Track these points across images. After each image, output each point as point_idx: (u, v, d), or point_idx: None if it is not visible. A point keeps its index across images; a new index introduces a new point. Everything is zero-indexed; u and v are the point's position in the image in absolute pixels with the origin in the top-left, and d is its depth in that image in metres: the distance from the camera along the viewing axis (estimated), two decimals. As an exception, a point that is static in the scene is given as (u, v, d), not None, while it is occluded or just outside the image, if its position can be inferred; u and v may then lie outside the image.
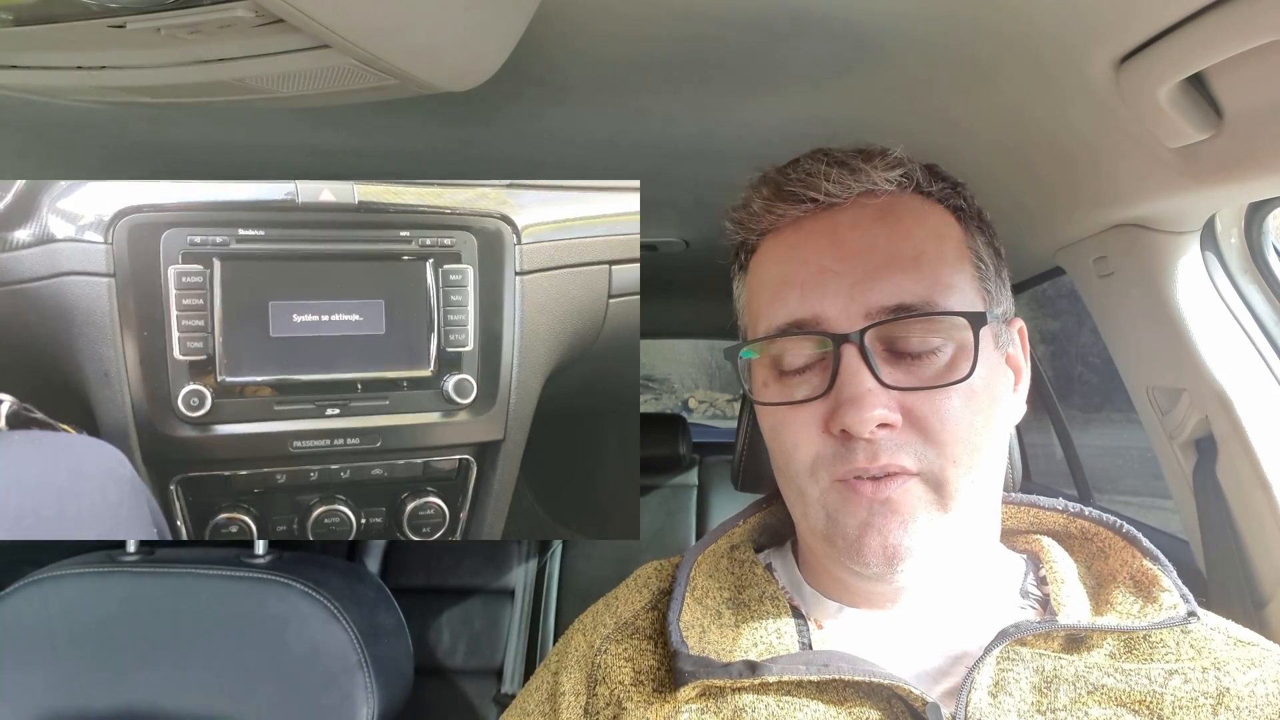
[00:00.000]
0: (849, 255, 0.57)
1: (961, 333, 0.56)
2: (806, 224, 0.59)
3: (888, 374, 0.54)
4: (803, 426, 0.57)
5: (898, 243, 0.57)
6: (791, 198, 0.59)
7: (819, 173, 0.58)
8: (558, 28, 0.74)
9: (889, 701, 0.55)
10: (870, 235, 0.57)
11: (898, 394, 0.54)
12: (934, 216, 0.60)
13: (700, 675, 0.56)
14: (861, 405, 0.53)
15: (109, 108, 0.82)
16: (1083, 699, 0.53)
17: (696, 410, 9.13)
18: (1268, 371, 0.90)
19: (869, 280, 0.56)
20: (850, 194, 0.58)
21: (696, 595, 0.63)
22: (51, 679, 0.99)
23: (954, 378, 0.55)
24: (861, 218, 0.58)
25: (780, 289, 0.59)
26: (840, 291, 0.56)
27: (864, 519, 0.55)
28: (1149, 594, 0.58)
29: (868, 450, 0.54)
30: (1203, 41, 0.61)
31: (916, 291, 0.55)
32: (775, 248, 0.61)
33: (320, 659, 0.97)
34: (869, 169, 0.58)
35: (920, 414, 0.54)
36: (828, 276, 0.56)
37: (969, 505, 0.57)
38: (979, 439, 0.56)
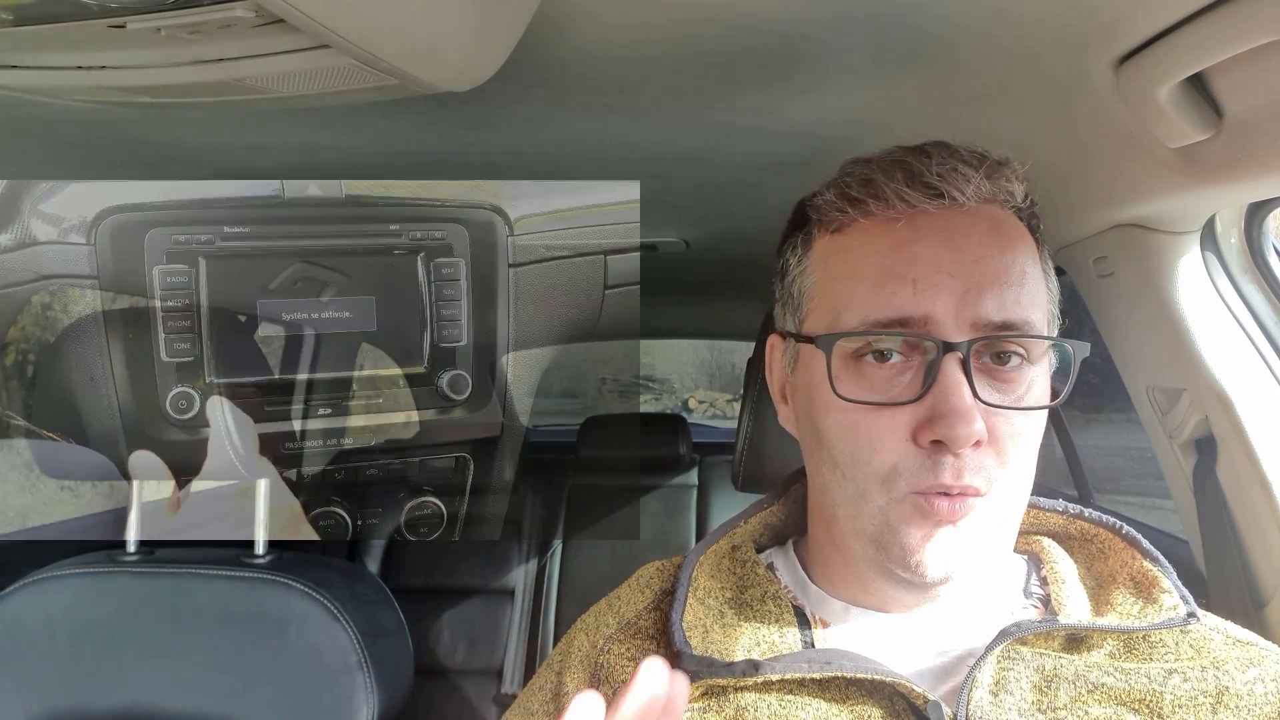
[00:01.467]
0: (965, 262, 0.55)
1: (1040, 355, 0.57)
2: (920, 220, 0.56)
3: (981, 389, 0.54)
4: (886, 431, 0.54)
5: (1008, 258, 0.56)
6: (927, 190, 0.55)
7: (959, 171, 0.56)
8: (558, 28, 0.74)
9: (891, 700, 0.55)
10: (986, 245, 0.56)
11: (985, 411, 0.54)
12: (1027, 238, 0.59)
13: (704, 675, 0.56)
14: (967, 419, 0.52)
15: (109, 108, 0.81)
16: (1083, 698, 0.53)
17: (696, 410, 9.12)
18: (1268, 371, 0.90)
19: (982, 290, 0.54)
20: (981, 198, 0.56)
21: (699, 596, 0.64)
22: (51, 679, 0.99)
23: (1038, 401, 0.56)
24: (976, 224, 0.56)
25: (886, 281, 0.55)
26: (953, 296, 0.54)
27: (928, 533, 0.54)
28: (1149, 595, 0.59)
29: (955, 467, 0.53)
30: (1203, 41, 0.61)
31: (1020, 311, 0.55)
32: (878, 237, 0.57)
33: (320, 659, 0.97)
34: (1004, 181, 0.57)
35: (1000, 434, 0.54)
36: (942, 278, 0.54)
37: (1011, 522, 0.58)
38: (1034, 460, 0.57)
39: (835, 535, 0.62)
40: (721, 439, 2.60)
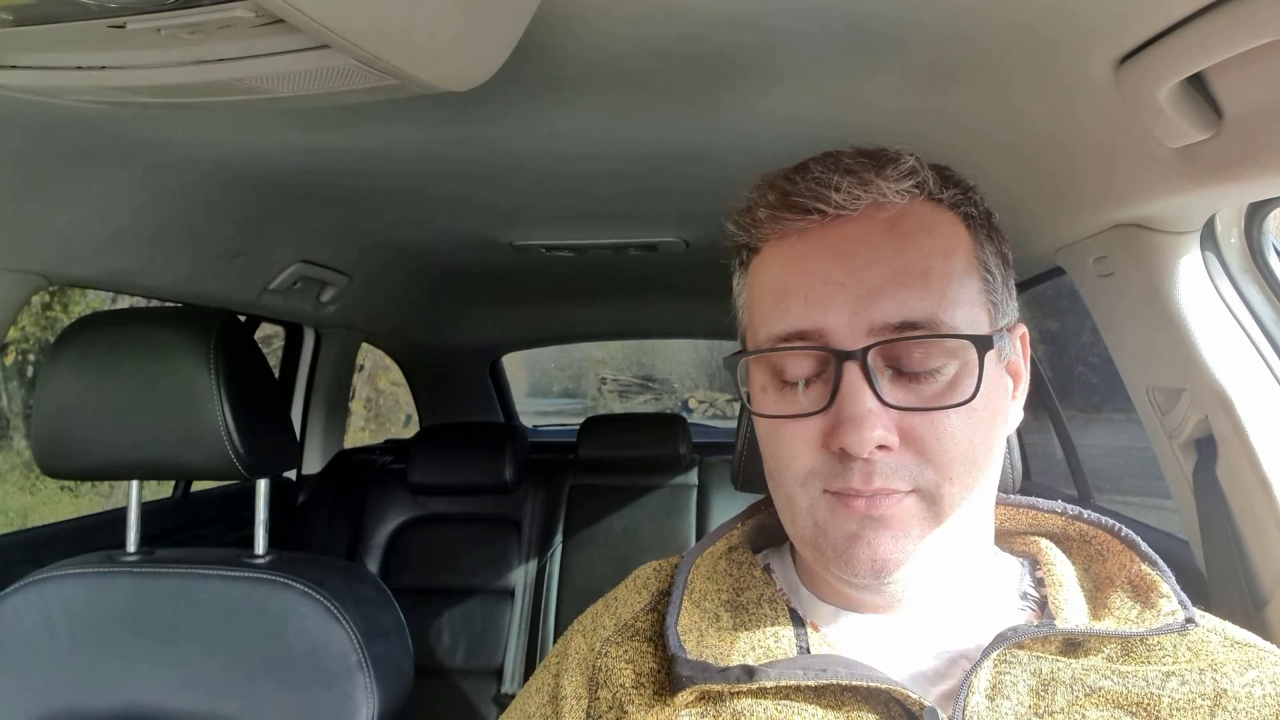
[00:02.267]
0: (855, 269, 0.55)
1: (966, 353, 0.55)
2: (813, 233, 0.57)
3: (889, 392, 0.53)
4: (800, 440, 0.56)
5: (906, 257, 0.55)
6: (798, 208, 0.56)
7: (828, 182, 0.55)
8: (558, 28, 0.74)
9: (886, 705, 0.55)
10: (878, 248, 0.55)
11: (897, 414, 0.53)
12: (944, 227, 0.58)
13: (698, 680, 0.56)
14: (861, 426, 0.52)
15: (109, 108, 0.81)
16: (1080, 701, 0.53)
17: (696, 410, 9.12)
18: (1268, 371, 0.90)
19: (874, 295, 0.54)
20: (859, 205, 0.56)
21: (694, 598, 0.63)
22: (51, 679, 0.99)
23: (956, 399, 0.54)
24: (870, 230, 0.56)
25: (782, 298, 0.57)
26: (845, 305, 0.54)
27: (853, 531, 0.54)
28: (1147, 599, 0.58)
29: (864, 470, 0.53)
30: (1203, 41, 0.61)
31: (923, 309, 0.54)
32: (778, 254, 0.59)
33: (320, 659, 0.97)
34: (880, 180, 0.56)
35: (918, 434, 0.54)
36: (833, 289, 0.55)
37: (963, 517, 0.56)
38: (977, 454, 0.55)
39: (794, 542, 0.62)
40: (721, 439, 2.60)
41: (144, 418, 0.99)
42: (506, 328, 2.81)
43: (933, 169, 0.59)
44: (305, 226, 1.50)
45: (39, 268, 1.15)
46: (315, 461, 2.26)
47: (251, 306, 1.64)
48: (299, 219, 1.46)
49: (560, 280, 2.18)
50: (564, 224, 1.58)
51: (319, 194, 1.34)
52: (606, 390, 10.23)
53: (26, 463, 5.34)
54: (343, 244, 1.65)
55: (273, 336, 2.40)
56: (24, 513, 5.11)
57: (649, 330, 3.31)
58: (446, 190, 1.34)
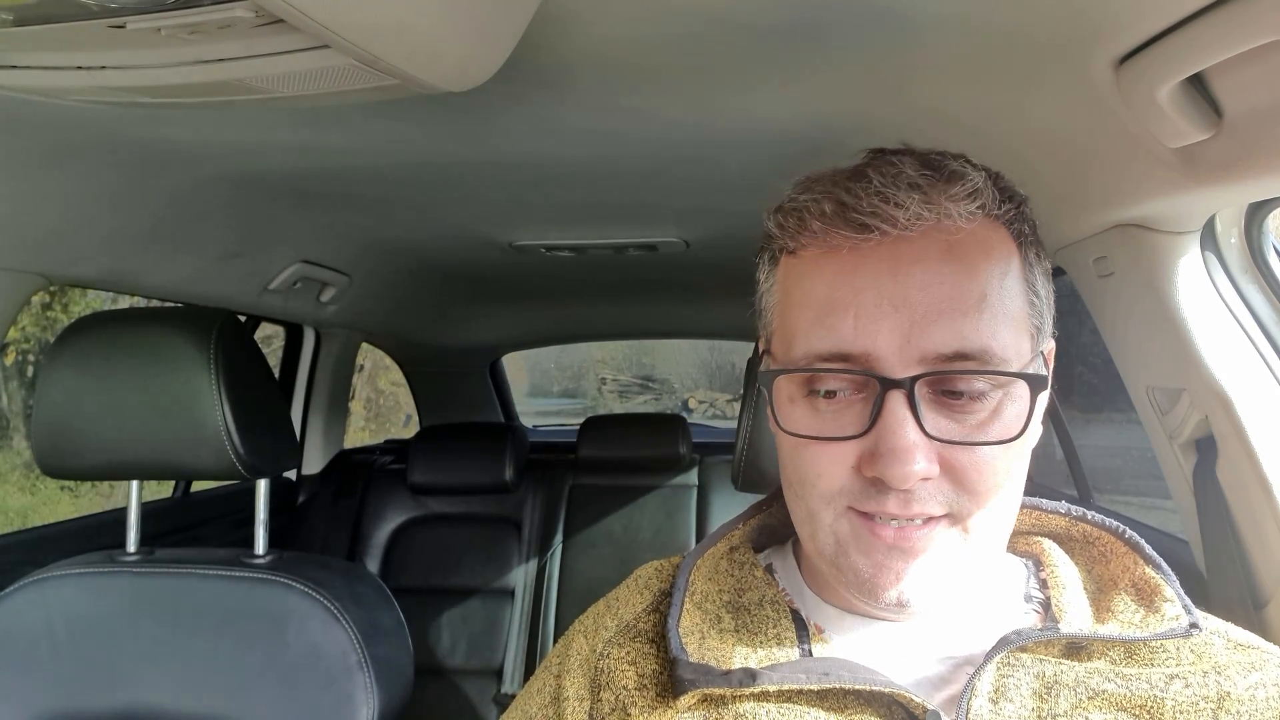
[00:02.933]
0: (909, 292, 0.51)
1: (1014, 385, 0.53)
2: (865, 245, 0.53)
3: (931, 422, 0.51)
4: (830, 460, 0.53)
5: (963, 282, 0.52)
6: (856, 224, 0.52)
7: (891, 199, 0.51)
8: (557, 28, 0.74)
9: (889, 709, 0.54)
10: (935, 271, 0.52)
11: (939, 445, 0.51)
12: (1000, 248, 0.54)
13: (700, 684, 0.56)
14: (906, 460, 0.50)
15: (109, 108, 0.81)
16: (1083, 704, 0.53)
17: (696, 410, 9.12)
18: (1268, 371, 0.90)
19: (929, 323, 0.51)
20: (922, 226, 0.52)
21: (696, 600, 0.63)
22: (51, 679, 0.99)
23: (1002, 434, 0.52)
24: (928, 250, 0.52)
25: (828, 313, 0.53)
26: (897, 331, 0.51)
27: (880, 561, 0.53)
28: (1151, 603, 0.58)
29: (900, 499, 0.52)
30: (1203, 41, 0.61)
31: (976, 340, 0.51)
32: (826, 264, 0.54)
33: (320, 659, 0.97)
34: (947, 202, 0.52)
35: (959, 465, 0.52)
36: (885, 311, 0.51)
37: (990, 538, 0.56)
38: (1009, 482, 0.54)
39: (810, 554, 0.61)
40: (721, 439, 2.59)
41: (144, 418, 0.99)
42: (506, 328, 2.81)
43: (991, 180, 0.55)
44: (305, 226, 1.50)
45: (39, 268, 1.15)
46: (315, 461, 2.26)
47: (251, 306, 1.64)
48: (299, 219, 1.46)
49: (560, 280, 2.18)
50: (564, 224, 1.58)
51: (319, 194, 1.34)
52: (606, 390, 10.23)
53: (26, 463, 5.33)
54: (343, 244, 1.65)
55: (273, 336, 2.40)
56: (24, 513, 5.11)
57: (649, 330, 3.31)
58: (446, 190, 1.34)
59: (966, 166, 0.54)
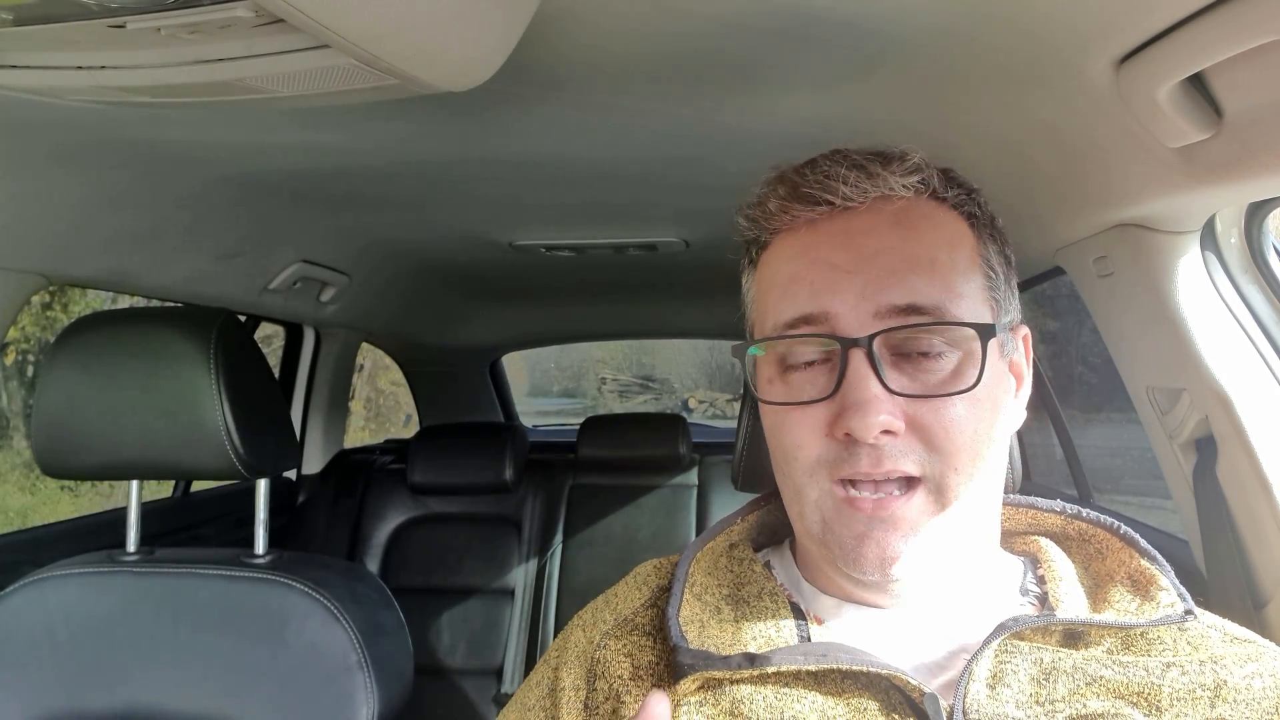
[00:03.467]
0: (863, 257, 0.56)
1: (969, 342, 0.56)
2: (821, 225, 0.59)
3: (894, 379, 0.54)
4: (806, 428, 0.57)
5: (912, 247, 0.57)
6: (808, 199, 0.58)
7: (836, 175, 0.57)
8: (557, 28, 0.74)
9: (887, 693, 0.55)
10: (885, 239, 0.57)
11: (902, 401, 0.54)
12: (948, 224, 0.60)
13: (700, 668, 0.56)
14: (867, 410, 0.53)
15: (109, 108, 0.81)
16: (1081, 690, 0.53)
17: (696, 410, 9.13)
18: (1268, 371, 0.90)
19: (881, 281, 0.55)
20: (866, 198, 0.57)
21: (695, 591, 0.64)
22: (51, 679, 0.99)
23: (959, 386, 0.55)
24: (877, 222, 0.58)
25: (790, 285, 0.58)
26: (851, 291, 0.56)
27: (862, 531, 0.55)
28: (1146, 593, 0.59)
29: (871, 455, 0.54)
30: (1203, 41, 0.61)
31: (929, 295, 0.55)
32: (787, 246, 0.61)
33: (320, 659, 0.97)
34: (886, 174, 0.57)
35: (924, 421, 0.55)
36: (839, 275, 0.56)
37: (969, 509, 0.57)
38: (981, 446, 0.56)
39: (800, 536, 0.63)
40: (721, 439, 2.60)
41: (144, 418, 0.99)
42: (506, 328, 2.81)
43: (938, 170, 0.60)
44: (305, 226, 1.50)
45: (39, 268, 1.15)
46: (315, 461, 2.26)
47: (251, 306, 1.64)
48: (299, 219, 1.46)
49: (560, 280, 2.18)
50: (564, 224, 1.58)
51: (319, 194, 1.34)
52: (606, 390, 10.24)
53: (26, 463, 5.34)
54: (343, 244, 1.65)
55: (273, 336, 2.40)
56: (24, 513, 5.11)
57: (649, 330, 3.31)
58: (446, 190, 1.34)
59: (910, 152, 0.60)
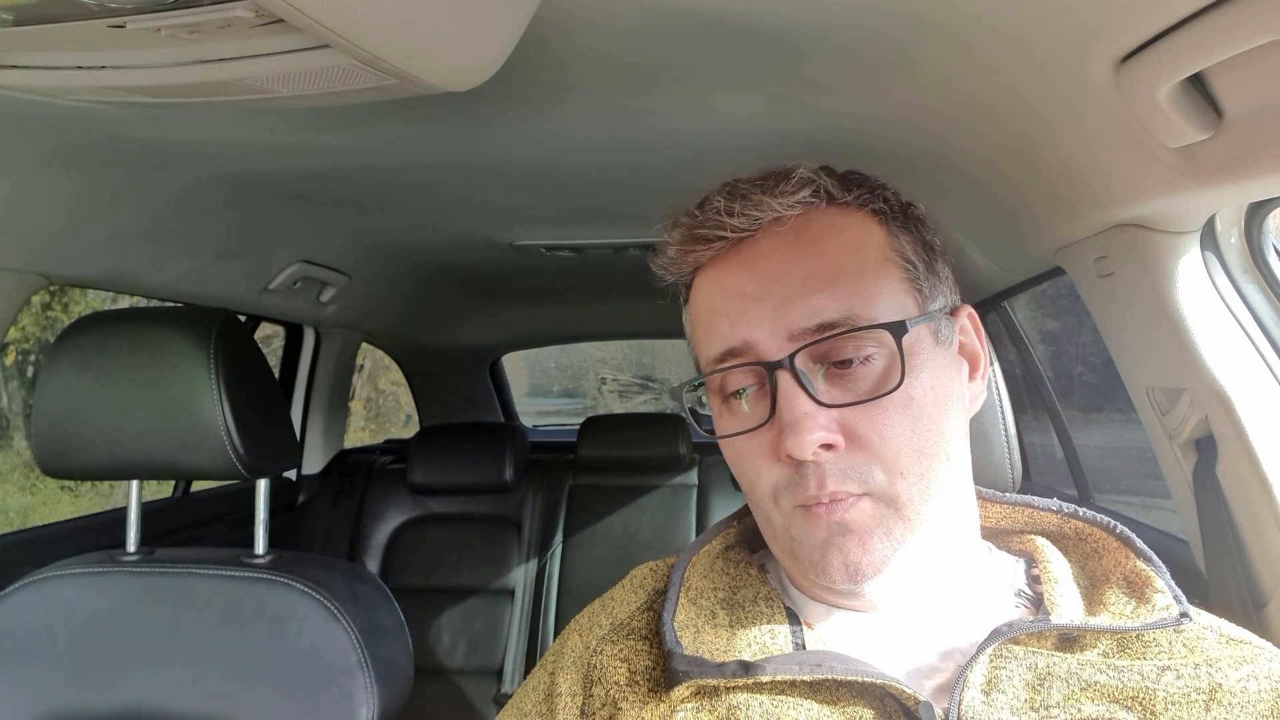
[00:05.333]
0: (767, 281, 0.58)
1: (883, 340, 0.57)
2: (729, 255, 0.61)
3: (825, 392, 0.56)
4: (757, 455, 0.58)
5: (813, 261, 0.58)
6: (701, 239, 0.60)
7: (725, 209, 0.59)
8: (557, 28, 0.74)
9: (882, 700, 0.55)
10: (785, 259, 0.58)
11: (836, 413, 0.55)
12: (852, 226, 0.60)
13: (694, 675, 0.56)
14: (799, 429, 0.54)
15: (109, 108, 0.81)
16: (1075, 695, 0.53)
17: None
18: (1268, 371, 0.90)
19: (788, 304, 0.57)
20: (759, 224, 0.59)
21: (690, 595, 0.64)
22: (51, 679, 0.99)
23: (886, 388, 0.56)
24: (776, 244, 0.59)
25: (711, 321, 0.60)
26: (763, 317, 0.57)
27: (824, 538, 0.56)
28: (1142, 595, 0.58)
29: (816, 475, 0.55)
30: (1203, 41, 0.61)
31: (835, 308, 0.56)
32: (705, 282, 0.63)
33: (320, 659, 0.97)
34: (769, 199, 0.59)
35: (860, 431, 0.55)
36: (750, 304, 0.58)
37: (928, 510, 0.57)
38: (924, 444, 0.56)
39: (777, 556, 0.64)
40: (721, 439, 2.59)
41: (144, 418, 0.99)
42: (506, 328, 2.81)
43: (832, 175, 0.62)
44: (305, 226, 1.50)
45: (39, 268, 1.15)
46: (315, 461, 2.26)
47: (251, 306, 1.64)
48: (299, 219, 1.46)
49: (560, 280, 2.18)
50: (564, 224, 1.58)
51: (319, 194, 1.34)
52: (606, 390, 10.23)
53: (26, 463, 5.34)
54: (343, 244, 1.65)
55: (273, 336, 2.40)
56: (24, 513, 5.11)
57: (649, 330, 3.30)
58: (446, 190, 1.34)
59: (796, 169, 0.61)
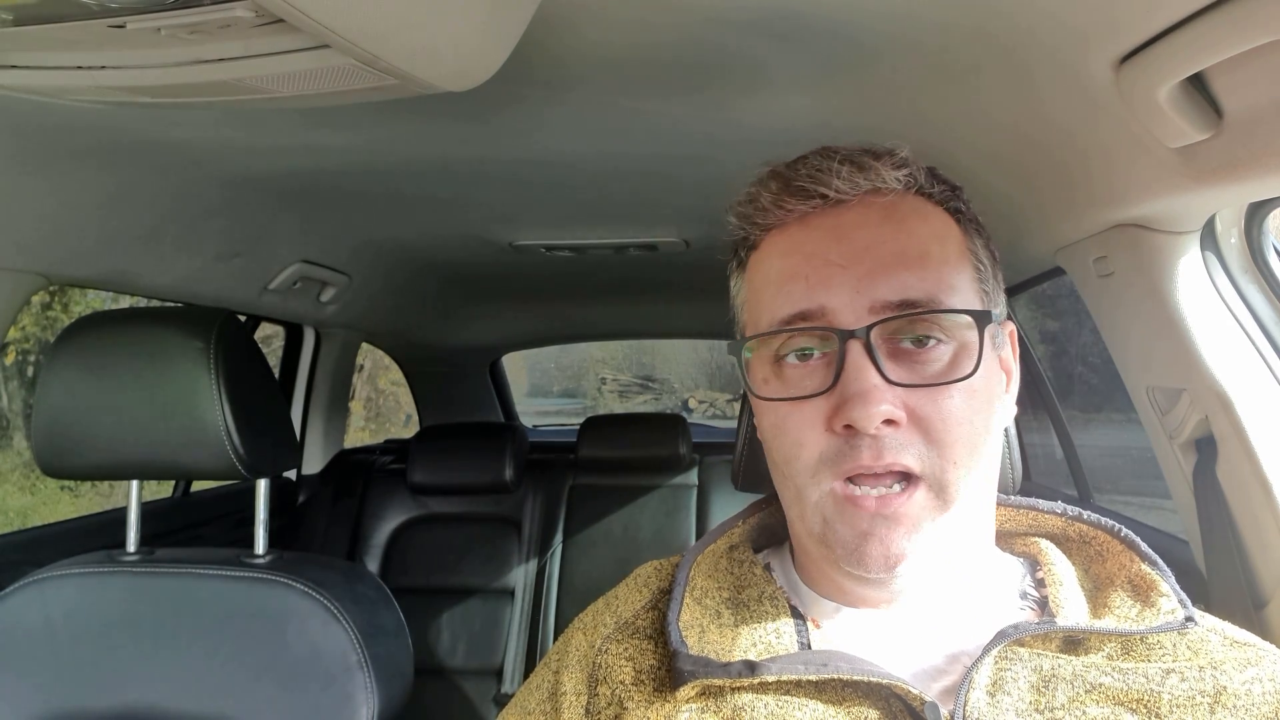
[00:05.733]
0: (855, 251, 0.57)
1: (964, 331, 0.56)
2: (812, 220, 0.59)
3: (892, 370, 0.54)
4: (806, 424, 0.56)
5: (903, 241, 0.57)
6: (800, 193, 0.59)
7: (828, 169, 0.58)
8: (558, 28, 0.74)
9: (887, 701, 0.55)
10: (876, 232, 0.57)
11: (901, 392, 0.54)
12: (936, 218, 0.60)
13: (700, 675, 0.56)
14: (868, 400, 0.53)
15: (109, 108, 0.81)
16: (1080, 698, 0.53)
17: (696, 410, 9.14)
18: (1268, 371, 0.90)
19: (875, 275, 0.56)
20: (858, 191, 0.58)
21: (695, 595, 0.64)
22: (51, 679, 0.99)
23: (956, 375, 0.55)
24: (868, 216, 0.58)
25: (785, 282, 0.58)
26: (846, 285, 0.56)
27: (865, 529, 0.55)
28: (1147, 599, 0.58)
29: (872, 447, 0.54)
30: (1203, 41, 0.61)
31: (922, 289, 0.56)
32: (779, 243, 0.61)
33: (320, 659, 0.97)
34: (878, 166, 0.58)
35: (923, 413, 0.55)
36: (834, 270, 0.56)
37: (968, 505, 0.57)
38: (978, 439, 0.56)
39: (799, 538, 0.63)
40: (721, 439, 2.60)
41: (144, 418, 0.99)
42: (506, 328, 2.81)
43: (924, 167, 0.61)
44: (305, 226, 1.50)
45: (39, 268, 1.15)
46: (315, 461, 2.26)
47: (251, 306, 1.64)
48: (299, 219, 1.46)
49: (560, 280, 2.18)
50: (564, 224, 1.58)
51: (319, 194, 1.34)
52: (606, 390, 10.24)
53: (27, 463, 5.34)
54: (343, 244, 1.65)
55: (273, 336, 2.40)
56: (24, 513, 5.11)
57: (649, 330, 3.31)
58: (446, 190, 1.34)
59: (898, 148, 0.61)
